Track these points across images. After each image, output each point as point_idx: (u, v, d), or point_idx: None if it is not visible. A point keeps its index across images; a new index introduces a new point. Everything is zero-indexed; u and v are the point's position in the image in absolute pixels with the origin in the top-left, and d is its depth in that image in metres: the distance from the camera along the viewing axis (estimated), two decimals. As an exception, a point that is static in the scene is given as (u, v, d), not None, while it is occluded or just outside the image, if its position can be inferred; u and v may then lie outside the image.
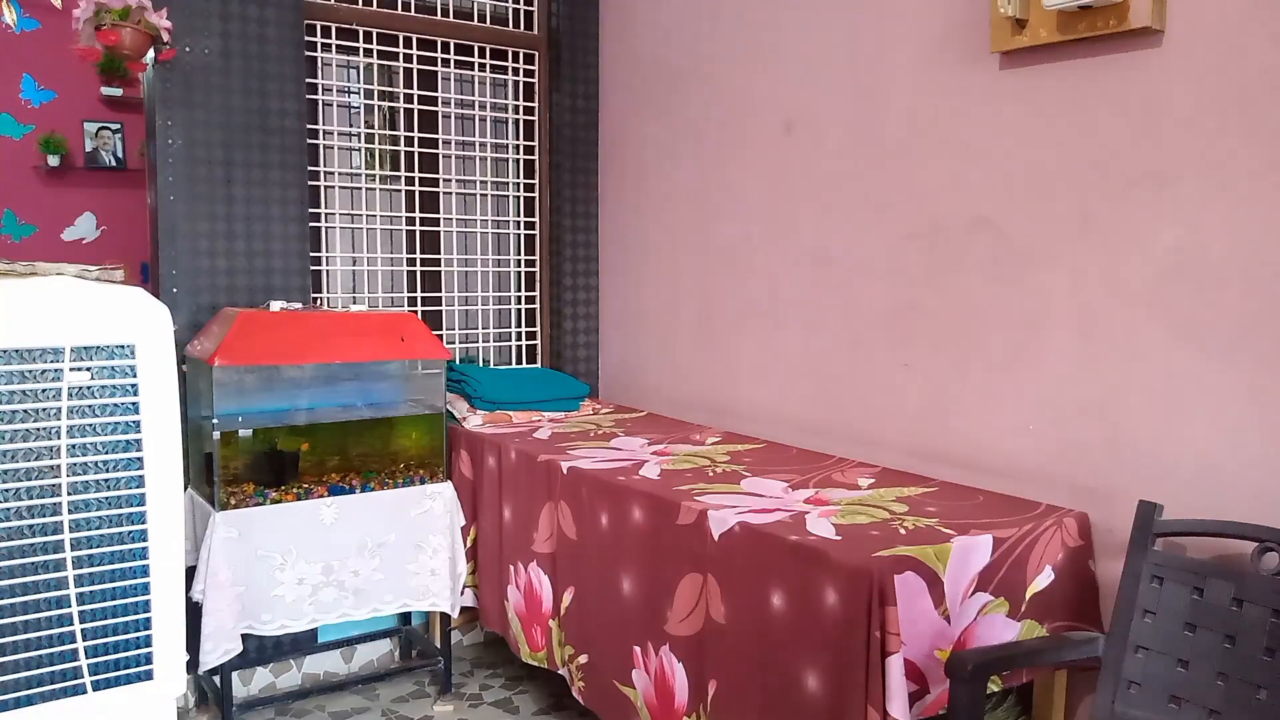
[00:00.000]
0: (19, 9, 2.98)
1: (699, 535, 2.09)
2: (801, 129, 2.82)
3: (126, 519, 1.75)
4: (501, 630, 2.88)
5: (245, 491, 2.64)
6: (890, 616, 1.72)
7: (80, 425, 1.69)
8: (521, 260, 3.75)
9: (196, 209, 2.88)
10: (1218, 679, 1.75)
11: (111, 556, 1.73)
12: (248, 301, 2.95)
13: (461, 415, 3.13)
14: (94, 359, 1.70)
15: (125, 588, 1.75)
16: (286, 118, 3.02)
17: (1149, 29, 1.96)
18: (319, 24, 3.19)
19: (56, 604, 1.69)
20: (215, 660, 2.47)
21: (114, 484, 1.73)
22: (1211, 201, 1.92)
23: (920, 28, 2.44)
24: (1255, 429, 1.86)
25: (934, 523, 2.00)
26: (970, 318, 2.37)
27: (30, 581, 1.66)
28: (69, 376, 1.67)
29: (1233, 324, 1.89)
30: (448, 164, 3.55)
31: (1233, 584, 1.78)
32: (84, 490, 1.70)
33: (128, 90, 4.24)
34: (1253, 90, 1.85)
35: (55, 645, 1.69)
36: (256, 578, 2.55)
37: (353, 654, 3.22)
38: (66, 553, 1.69)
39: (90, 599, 1.72)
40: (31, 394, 1.65)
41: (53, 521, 1.68)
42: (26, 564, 1.66)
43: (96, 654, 1.72)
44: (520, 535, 2.75)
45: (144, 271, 3.78)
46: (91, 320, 1.70)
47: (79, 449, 1.69)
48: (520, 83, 3.67)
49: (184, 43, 2.82)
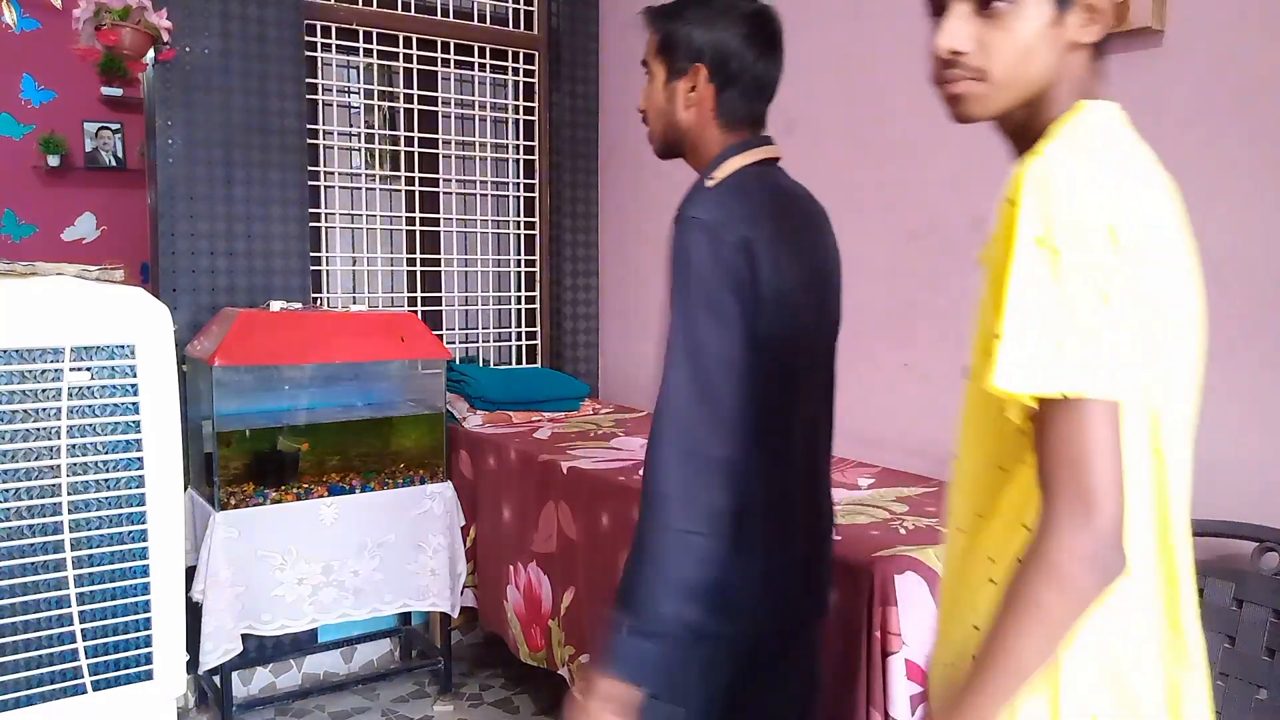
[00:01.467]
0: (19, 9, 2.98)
1: (699, 535, 2.08)
2: (802, 129, 2.82)
3: (126, 519, 1.75)
4: (501, 630, 2.88)
5: (245, 491, 2.64)
6: (891, 616, 1.72)
7: (80, 425, 1.69)
8: (521, 260, 3.75)
9: (196, 209, 2.88)
10: (1218, 679, 1.75)
11: (111, 556, 1.73)
12: (248, 301, 2.95)
13: (461, 415, 3.13)
14: (94, 359, 1.70)
15: (125, 588, 1.75)
16: (286, 118, 3.01)
17: (1149, 29, 1.96)
18: (319, 24, 3.19)
19: (56, 604, 1.69)
20: (215, 660, 2.47)
21: (114, 484, 1.73)
22: (1211, 201, 1.91)
23: (920, 27, 2.43)
24: (1255, 429, 1.86)
25: (934, 523, 2.00)
26: (970, 318, 2.36)
27: (30, 581, 1.66)
28: (69, 376, 1.67)
29: (1233, 324, 1.89)
30: (448, 164, 3.54)
31: (1233, 584, 1.78)
32: (84, 490, 1.70)
33: (128, 90, 4.23)
34: (1253, 90, 1.85)
35: (55, 645, 1.69)
36: (256, 578, 2.55)
37: (353, 654, 3.22)
38: (66, 553, 1.69)
39: (90, 599, 1.72)
40: (31, 394, 1.65)
41: (53, 521, 1.68)
42: (26, 564, 1.66)
43: (97, 654, 1.72)
44: (520, 535, 2.75)
45: (144, 271, 3.77)
46: (91, 320, 1.70)
47: (79, 449, 1.69)
48: (520, 83, 3.67)
49: (184, 43, 2.82)
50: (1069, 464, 0.84)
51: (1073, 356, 0.84)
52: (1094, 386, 0.83)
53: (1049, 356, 0.84)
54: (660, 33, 1.47)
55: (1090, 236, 0.85)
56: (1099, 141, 0.93)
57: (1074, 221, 0.85)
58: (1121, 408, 0.85)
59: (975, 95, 1.00)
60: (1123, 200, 0.88)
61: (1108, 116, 0.98)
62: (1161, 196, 0.96)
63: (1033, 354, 0.85)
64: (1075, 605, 0.84)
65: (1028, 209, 0.87)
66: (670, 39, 1.44)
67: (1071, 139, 0.92)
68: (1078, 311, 0.84)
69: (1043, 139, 0.94)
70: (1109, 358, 0.84)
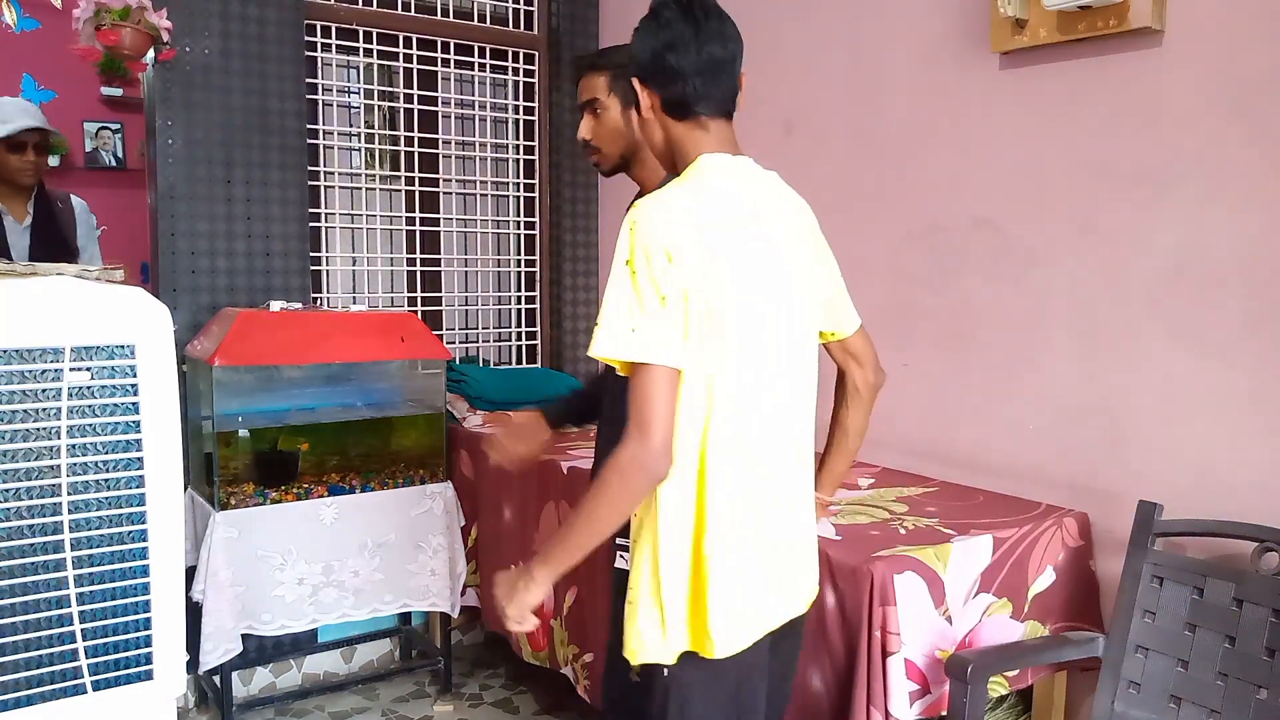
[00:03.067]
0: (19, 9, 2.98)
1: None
2: (801, 129, 2.82)
3: (126, 519, 1.74)
4: (503, 630, 2.88)
5: (245, 491, 2.64)
6: (890, 616, 1.72)
7: (80, 425, 1.69)
8: (521, 260, 3.75)
9: (196, 209, 2.88)
10: (1218, 679, 1.75)
11: (111, 556, 1.73)
12: (248, 301, 2.95)
13: (461, 415, 3.13)
14: (94, 359, 1.70)
15: (125, 588, 1.75)
16: (286, 118, 3.01)
17: (1149, 29, 1.96)
18: (319, 24, 3.19)
19: (56, 604, 1.69)
20: (215, 660, 2.47)
21: (114, 484, 1.73)
22: (1211, 201, 1.91)
23: (920, 28, 2.44)
24: (1255, 429, 1.86)
25: (934, 523, 2.00)
26: (970, 318, 2.37)
27: (30, 582, 1.66)
28: (69, 376, 1.67)
29: (1233, 324, 1.89)
30: (448, 164, 3.54)
31: (1233, 584, 1.78)
32: (84, 490, 1.70)
33: (128, 90, 4.23)
34: (1253, 90, 1.85)
35: (55, 645, 1.69)
36: (256, 578, 2.55)
37: (353, 654, 3.22)
38: (66, 553, 1.69)
39: (90, 599, 1.72)
40: (31, 394, 1.65)
41: (53, 521, 1.67)
42: (26, 564, 1.65)
43: (97, 654, 1.72)
44: (520, 535, 2.75)
45: (144, 271, 3.77)
46: (91, 320, 1.70)
47: (79, 449, 1.69)
48: (520, 83, 3.67)
49: (184, 43, 2.82)
50: (636, 404, 1.25)
51: (639, 337, 1.26)
52: (652, 356, 1.25)
53: (626, 336, 1.26)
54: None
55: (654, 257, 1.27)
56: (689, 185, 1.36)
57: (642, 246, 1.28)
58: (681, 373, 1.27)
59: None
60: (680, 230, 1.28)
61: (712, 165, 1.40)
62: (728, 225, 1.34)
63: (616, 333, 1.27)
64: (629, 490, 1.27)
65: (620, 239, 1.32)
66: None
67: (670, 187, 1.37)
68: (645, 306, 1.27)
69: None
70: (664, 337, 1.25)
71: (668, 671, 1.34)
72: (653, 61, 1.38)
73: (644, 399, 1.25)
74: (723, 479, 1.32)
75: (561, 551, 1.32)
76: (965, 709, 1.72)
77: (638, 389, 1.26)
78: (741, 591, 1.34)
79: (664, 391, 1.26)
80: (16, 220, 2.92)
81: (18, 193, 2.92)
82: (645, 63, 1.39)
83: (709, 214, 1.32)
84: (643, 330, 1.25)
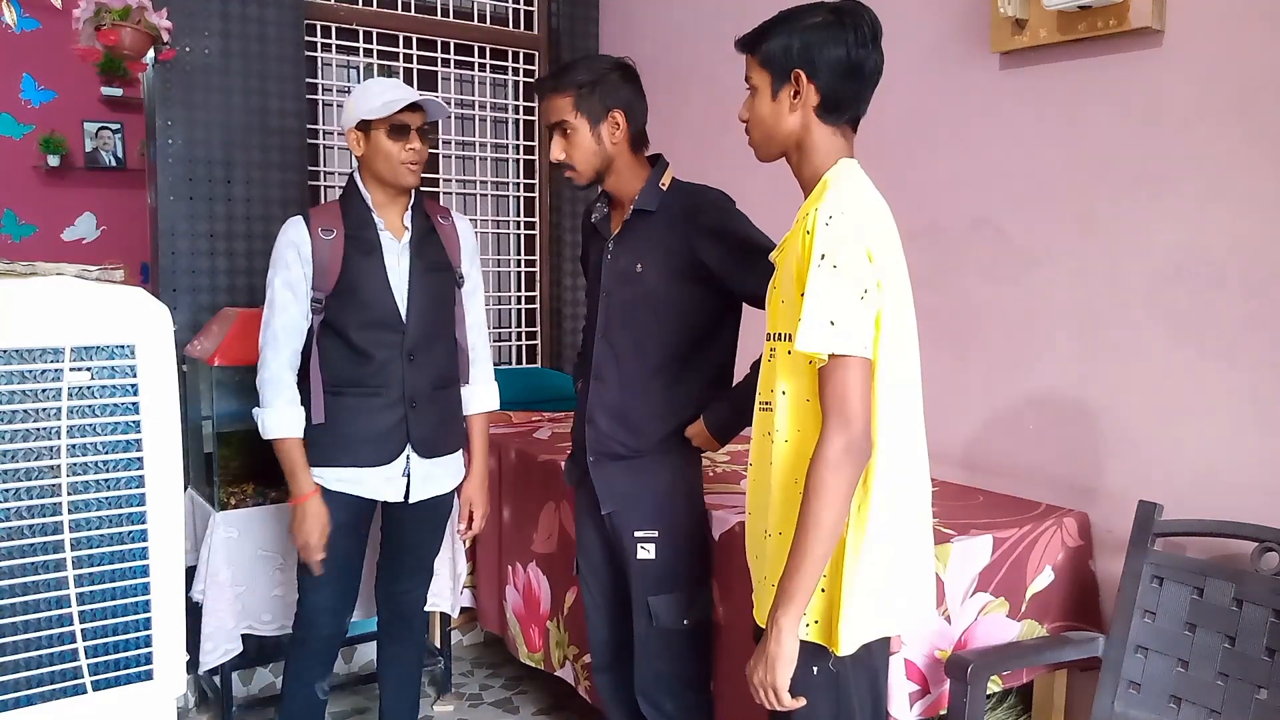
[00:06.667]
0: (19, 9, 2.98)
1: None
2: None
3: (126, 519, 1.74)
4: (500, 630, 2.88)
5: (245, 491, 2.64)
6: (890, 616, 1.71)
7: (80, 425, 1.69)
8: (521, 260, 3.75)
9: (196, 209, 2.88)
10: (1218, 679, 1.75)
11: (111, 556, 1.73)
12: (248, 301, 2.95)
13: (461, 415, 3.12)
14: (94, 359, 1.70)
15: (125, 588, 1.75)
16: (286, 118, 3.01)
17: (1149, 29, 1.96)
18: (319, 24, 3.19)
19: (56, 604, 1.69)
20: (215, 660, 2.47)
21: (114, 484, 1.73)
22: (1211, 201, 1.91)
23: (920, 28, 2.43)
24: (1255, 429, 1.86)
25: (934, 523, 2.00)
26: (970, 318, 2.37)
27: (30, 581, 1.66)
28: (69, 376, 1.67)
29: (1233, 324, 1.89)
30: (448, 164, 3.54)
31: (1233, 584, 1.78)
32: (84, 490, 1.70)
33: (128, 90, 4.23)
34: (1253, 90, 1.85)
35: (55, 645, 1.68)
36: (256, 578, 2.55)
37: (353, 654, 3.22)
38: (66, 553, 1.68)
39: (90, 599, 1.71)
40: (31, 394, 1.64)
41: (53, 521, 1.67)
42: (26, 564, 1.65)
43: (96, 654, 1.72)
44: (520, 535, 2.74)
45: (144, 271, 3.78)
46: (91, 320, 1.70)
47: (79, 449, 1.69)
48: (520, 83, 3.67)
49: (184, 43, 2.82)
50: (837, 396, 1.33)
51: (840, 329, 1.32)
52: (852, 348, 1.32)
53: (826, 330, 1.32)
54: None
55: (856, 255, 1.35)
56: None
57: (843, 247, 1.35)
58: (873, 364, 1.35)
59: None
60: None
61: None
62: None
63: (817, 328, 1.32)
64: (844, 483, 1.32)
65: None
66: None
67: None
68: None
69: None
70: (862, 330, 1.33)
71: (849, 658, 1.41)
72: (843, 63, 1.45)
73: (845, 390, 1.32)
74: (890, 462, 1.41)
75: (798, 579, 1.32)
76: (965, 709, 1.72)
77: (838, 381, 1.32)
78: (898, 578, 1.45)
79: (863, 382, 1.33)
80: (394, 236, 2.19)
81: (394, 199, 2.21)
82: (832, 61, 1.45)
83: (876, 214, 1.44)
84: (842, 323, 1.31)
